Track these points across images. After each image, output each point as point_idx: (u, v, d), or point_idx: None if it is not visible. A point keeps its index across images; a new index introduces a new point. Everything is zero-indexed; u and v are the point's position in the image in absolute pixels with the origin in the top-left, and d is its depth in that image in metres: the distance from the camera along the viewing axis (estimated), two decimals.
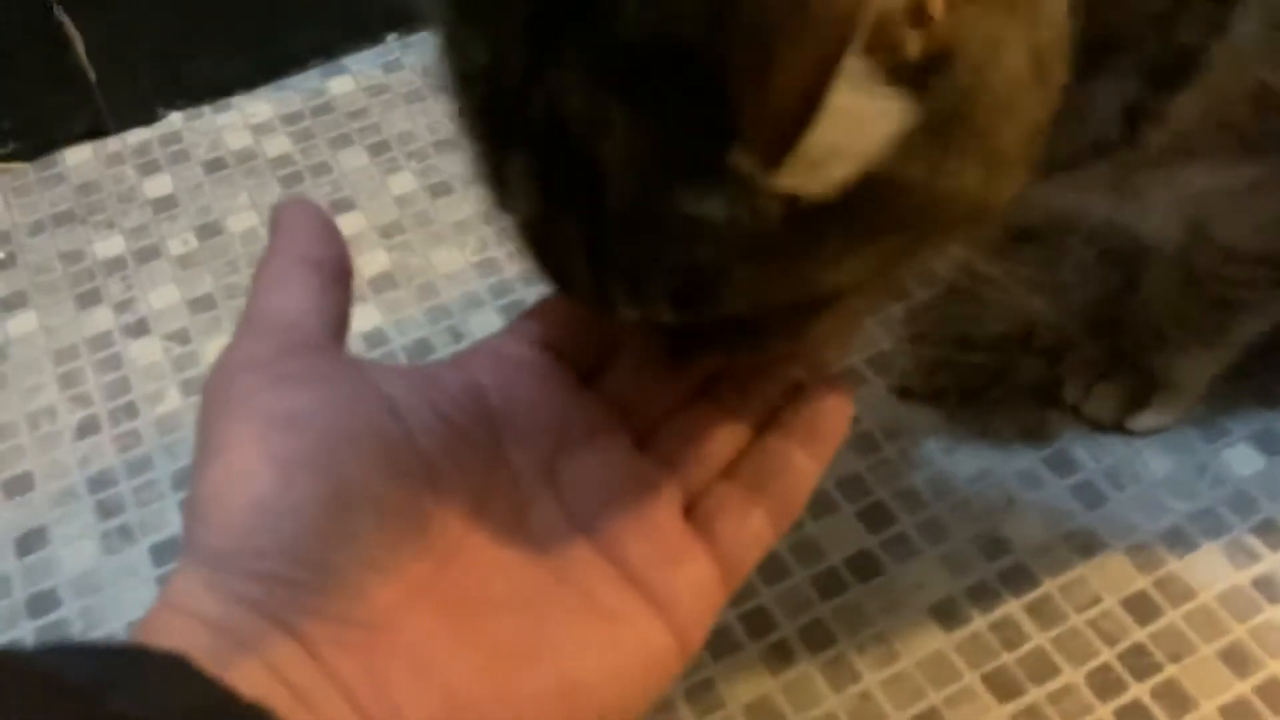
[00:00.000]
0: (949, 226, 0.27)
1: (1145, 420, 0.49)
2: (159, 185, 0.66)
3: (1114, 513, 0.48)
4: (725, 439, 0.33)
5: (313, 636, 0.27)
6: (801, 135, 0.23)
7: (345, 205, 0.64)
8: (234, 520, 0.27)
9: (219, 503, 0.28)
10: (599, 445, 0.32)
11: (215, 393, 0.30)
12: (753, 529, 0.32)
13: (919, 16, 0.23)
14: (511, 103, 0.25)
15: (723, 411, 0.33)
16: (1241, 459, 0.49)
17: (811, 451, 0.33)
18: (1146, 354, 0.49)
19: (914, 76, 0.23)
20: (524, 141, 0.26)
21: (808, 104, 0.22)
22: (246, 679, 0.25)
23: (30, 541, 0.51)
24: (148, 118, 0.68)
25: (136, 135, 0.68)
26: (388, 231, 0.62)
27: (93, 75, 0.66)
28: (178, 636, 0.26)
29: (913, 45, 0.23)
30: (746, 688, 0.44)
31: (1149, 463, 0.49)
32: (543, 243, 0.28)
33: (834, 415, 0.33)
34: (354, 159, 0.66)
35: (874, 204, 0.25)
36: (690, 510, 0.32)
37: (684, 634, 0.30)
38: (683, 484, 0.32)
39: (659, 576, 0.30)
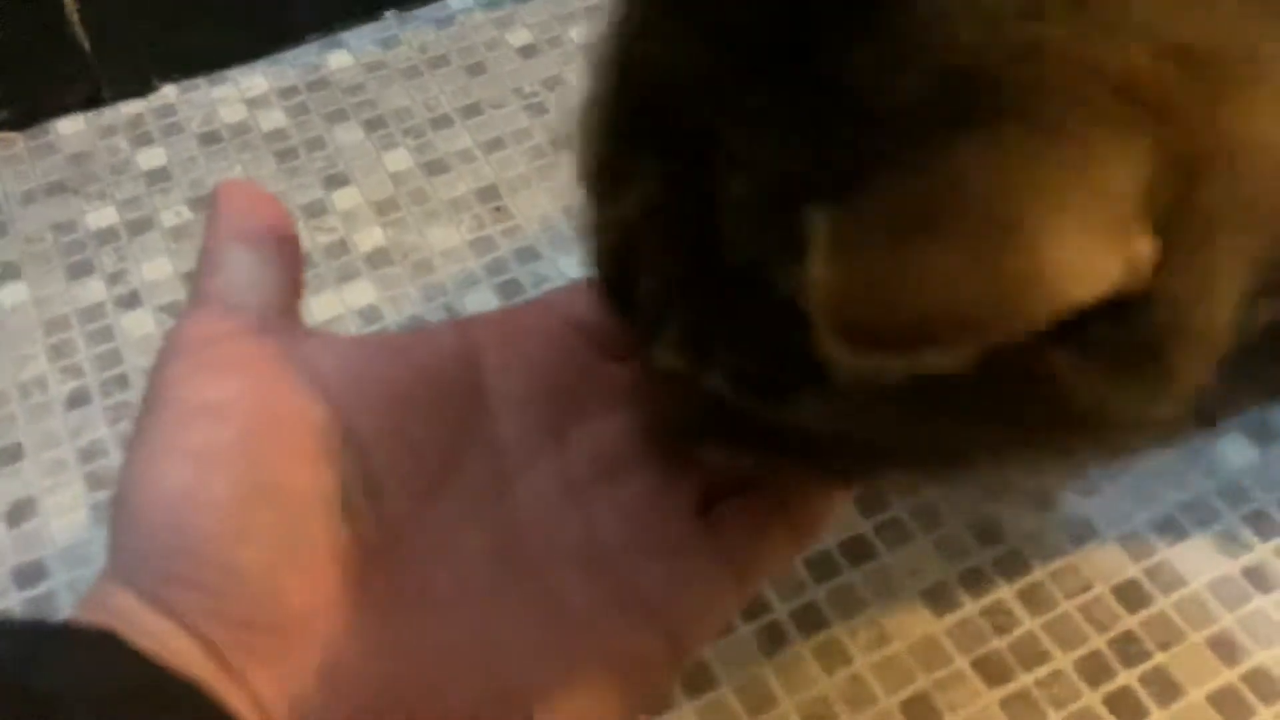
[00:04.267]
0: (1074, 439, 0.25)
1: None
2: (152, 157, 0.65)
3: (1107, 501, 0.48)
4: None
5: (221, 642, 0.25)
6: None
7: (340, 181, 0.63)
8: (145, 517, 0.26)
9: (133, 498, 0.27)
10: (620, 418, 0.31)
11: (149, 381, 0.29)
12: (770, 539, 0.30)
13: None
14: (668, 113, 0.24)
15: None
16: (1234, 449, 0.50)
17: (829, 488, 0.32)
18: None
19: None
20: (662, 152, 0.24)
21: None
22: None
23: (20, 512, 0.51)
24: (142, 89, 0.68)
25: (130, 106, 0.67)
26: (383, 208, 0.62)
27: (87, 45, 0.65)
28: None
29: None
30: (739, 669, 0.44)
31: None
32: (624, 251, 0.26)
33: None
34: (349, 134, 0.65)
35: (998, 391, 0.22)
36: (706, 511, 0.30)
37: (676, 634, 0.29)
38: (702, 475, 0.30)
39: (653, 565, 0.29)
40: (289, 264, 0.31)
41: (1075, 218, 0.19)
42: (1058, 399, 0.23)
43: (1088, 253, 0.19)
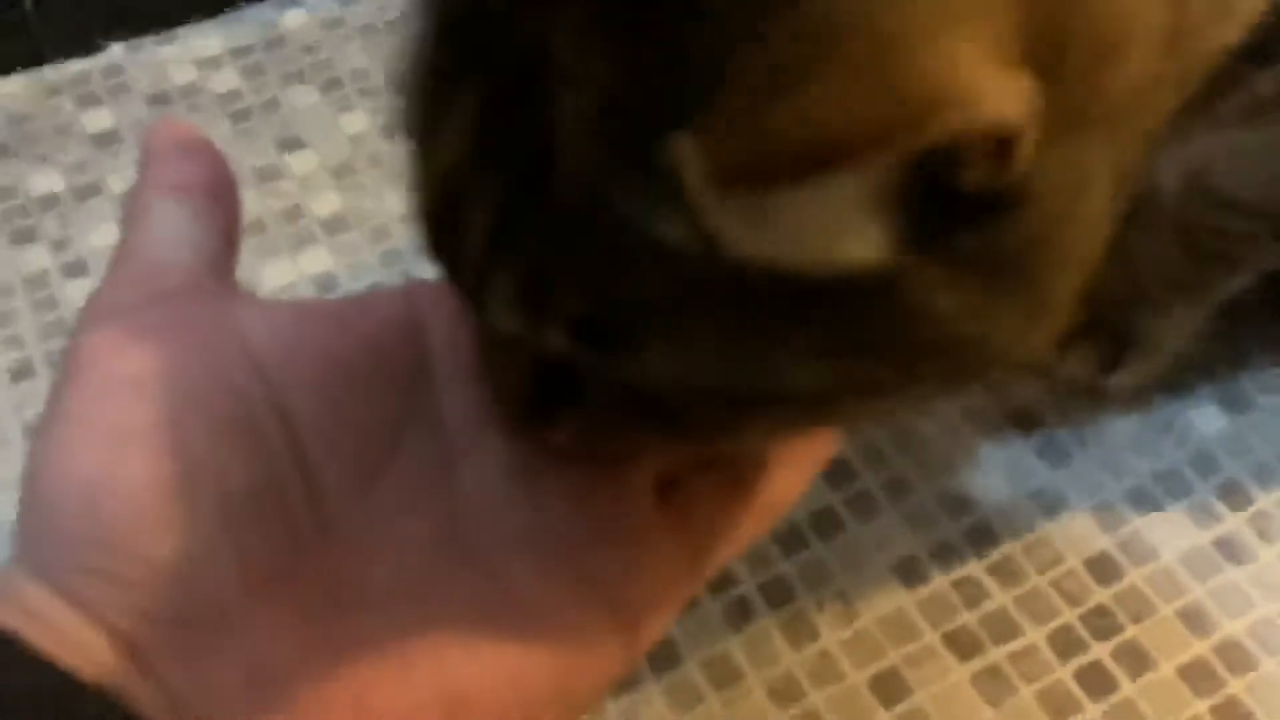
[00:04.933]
0: (955, 372, 0.23)
1: (1119, 380, 0.49)
2: (99, 119, 0.63)
3: (1078, 472, 0.48)
4: None
5: (136, 638, 0.23)
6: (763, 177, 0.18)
7: (296, 144, 0.61)
8: (57, 503, 0.24)
9: (45, 481, 0.25)
10: None
11: (67, 349, 0.27)
12: (729, 518, 0.29)
13: (998, 149, 0.18)
14: (488, 30, 0.22)
15: None
16: (1205, 418, 0.49)
17: (795, 463, 0.30)
18: (1124, 314, 0.48)
19: (968, 208, 0.19)
20: (483, 74, 0.22)
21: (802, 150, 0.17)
22: None
23: None
24: (87, 48, 0.65)
25: (75, 66, 0.65)
26: (340, 172, 0.60)
27: (28, 2, 0.63)
28: None
29: (974, 178, 0.19)
30: (705, 643, 0.43)
31: (1113, 421, 0.49)
32: (447, 200, 0.23)
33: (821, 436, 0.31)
34: (305, 96, 0.63)
35: (871, 315, 0.21)
36: (665, 493, 0.29)
37: (633, 619, 0.27)
38: (662, 456, 0.29)
39: (607, 549, 0.27)
40: (224, 218, 0.28)
41: (966, 30, 0.17)
42: (931, 326, 0.21)
43: (979, 69, 0.18)
